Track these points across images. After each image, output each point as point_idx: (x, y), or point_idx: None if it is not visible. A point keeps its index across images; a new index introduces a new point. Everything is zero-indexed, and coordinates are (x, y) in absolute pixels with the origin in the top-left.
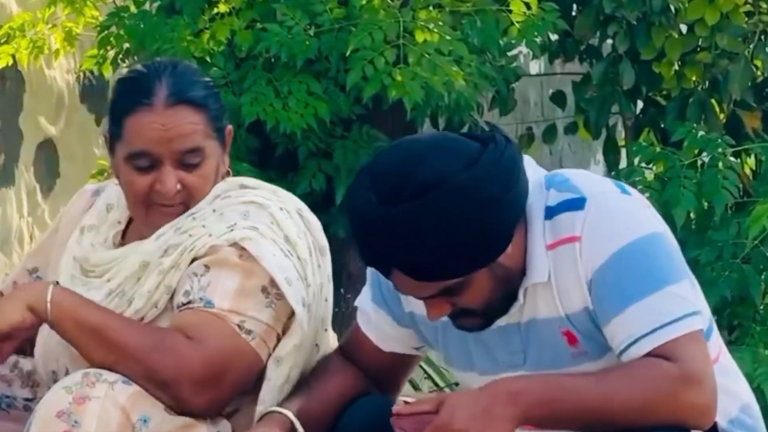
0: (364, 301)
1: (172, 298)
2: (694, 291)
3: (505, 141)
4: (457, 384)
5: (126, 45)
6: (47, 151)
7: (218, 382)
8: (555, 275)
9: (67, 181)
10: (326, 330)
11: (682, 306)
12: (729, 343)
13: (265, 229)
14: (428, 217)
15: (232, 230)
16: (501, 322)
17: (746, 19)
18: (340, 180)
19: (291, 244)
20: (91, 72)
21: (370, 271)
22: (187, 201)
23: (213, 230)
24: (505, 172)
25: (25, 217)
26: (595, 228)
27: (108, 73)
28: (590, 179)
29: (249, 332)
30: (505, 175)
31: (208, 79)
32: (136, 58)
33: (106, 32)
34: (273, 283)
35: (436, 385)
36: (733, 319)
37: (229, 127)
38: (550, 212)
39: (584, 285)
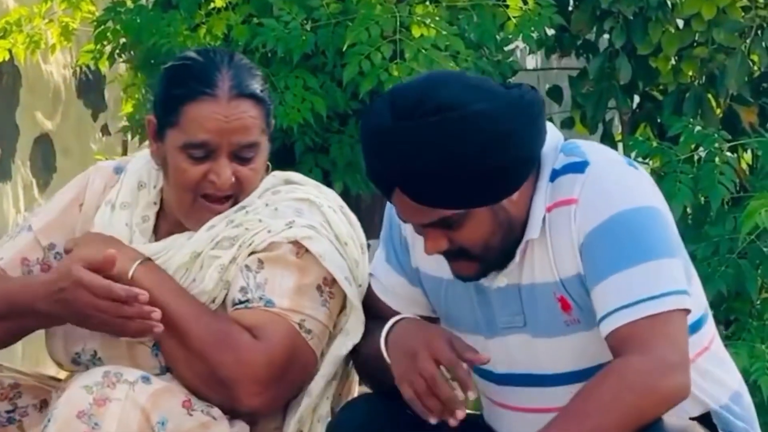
0: (377, 266)
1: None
2: (685, 272)
3: (531, 88)
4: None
5: (122, 40)
6: (44, 145)
7: (278, 383)
8: (551, 237)
9: (63, 176)
10: None
11: (666, 282)
12: (725, 338)
13: (320, 228)
14: (438, 137)
15: (290, 227)
16: (501, 282)
17: (743, 13)
18: (336, 175)
19: (341, 244)
20: (88, 67)
21: (383, 233)
22: (237, 194)
23: (271, 226)
24: (523, 112)
25: (22, 211)
26: (592, 192)
27: (104, 68)
28: (601, 148)
29: (309, 332)
30: (524, 116)
31: (260, 72)
32: (132, 53)
33: (102, 27)
34: (326, 281)
35: None
36: (730, 314)
37: (272, 121)
38: (555, 174)
39: (576, 249)
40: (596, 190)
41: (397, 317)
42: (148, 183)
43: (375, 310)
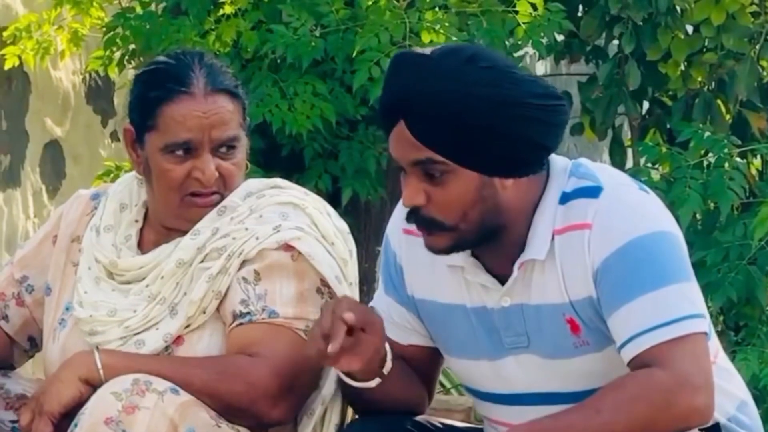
0: (376, 300)
1: (221, 302)
2: (700, 295)
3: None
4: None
5: (132, 46)
6: (53, 151)
7: (291, 391)
8: (562, 260)
9: (73, 182)
10: None
11: (686, 306)
12: (735, 344)
13: (307, 229)
14: (461, 75)
15: (278, 231)
16: (504, 302)
17: (752, 19)
18: (346, 181)
19: (329, 243)
20: (97, 73)
21: (381, 269)
22: (222, 190)
23: (258, 233)
24: (546, 99)
25: (31, 218)
26: (607, 217)
27: (114, 74)
28: (612, 172)
29: None
30: (546, 101)
31: (231, 70)
32: (141, 59)
33: (111, 33)
34: (324, 282)
35: (442, 385)
36: (740, 319)
37: (248, 119)
38: (565, 197)
39: (590, 274)
40: (611, 215)
41: None
42: (129, 203)
43: None
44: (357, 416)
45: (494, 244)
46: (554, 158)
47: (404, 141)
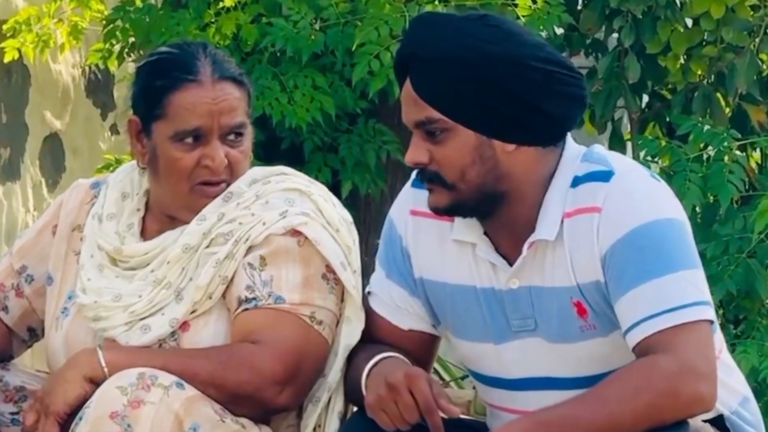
0: (375, 283)
1: (227, 287)
2: (706, 282)
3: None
4: (463, 378)
5: (131, 39)
6: (53, 145)
7: (296, 377)
8: (570, 243)
9: (72, 175)
10: None
11: (692, 293)
12: (735, 337)
13: (313, 215)
14: (467, 36)
15: (284, 217)
16: (513, 284)
17: (752, 12)
18: (345, 174)
19: (334, 230)
20: (97, 66)
21: (379, 255)
22: (229, 178)
23: (265, 218)
24: (558, 68)
25: (31, 211)
26: (616, 202)
27: (113, 67)
28: (625, 159)
29: (320, 322)
30: (553, 68)
31: (234, 60)
32: (141, 52)
33: (111, 26)
34: (329, 268)
35: (442, 379)
36: (739, 312)
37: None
38: (576, 181)
39: (598, 258)
40: (621, 200)
41: (384, 354)
42: (131, 192)
43: (371, 330)
44: (356, 408)
45: (502, 218)
46: (570, 143)
47: (409, 100)
